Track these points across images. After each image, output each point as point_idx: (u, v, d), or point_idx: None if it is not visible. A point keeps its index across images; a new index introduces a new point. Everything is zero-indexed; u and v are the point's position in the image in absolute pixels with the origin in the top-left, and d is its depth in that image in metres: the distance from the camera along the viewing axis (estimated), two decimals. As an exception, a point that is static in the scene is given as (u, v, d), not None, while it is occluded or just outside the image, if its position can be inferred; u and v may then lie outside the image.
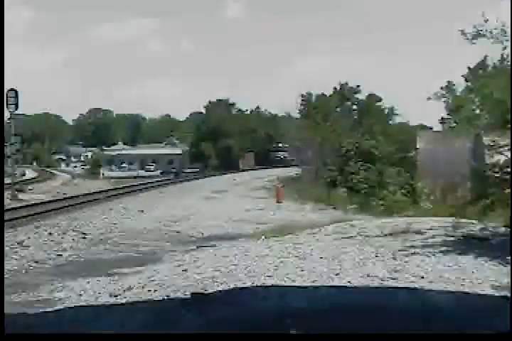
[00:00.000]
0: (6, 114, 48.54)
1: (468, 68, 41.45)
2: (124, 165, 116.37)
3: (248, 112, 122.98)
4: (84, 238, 20.96)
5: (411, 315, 7.53)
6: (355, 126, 57.00)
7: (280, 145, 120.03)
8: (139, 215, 29.05)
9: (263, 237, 18.76)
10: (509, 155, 15.06)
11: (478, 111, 18.73)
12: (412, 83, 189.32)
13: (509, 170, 14.66)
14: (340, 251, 14.30)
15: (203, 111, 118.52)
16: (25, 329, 5.92)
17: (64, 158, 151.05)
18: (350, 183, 37.42)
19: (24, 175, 77.70)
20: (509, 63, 15.55)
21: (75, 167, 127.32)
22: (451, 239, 15.42)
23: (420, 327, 6.89)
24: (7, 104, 42.30)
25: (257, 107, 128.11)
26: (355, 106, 67.87)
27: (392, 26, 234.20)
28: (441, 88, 40.84)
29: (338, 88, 68.27)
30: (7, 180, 49.15)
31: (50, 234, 21.32)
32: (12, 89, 42.28)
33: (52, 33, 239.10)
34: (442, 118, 50.10)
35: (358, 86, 68.25)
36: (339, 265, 12.59)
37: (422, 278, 11.22)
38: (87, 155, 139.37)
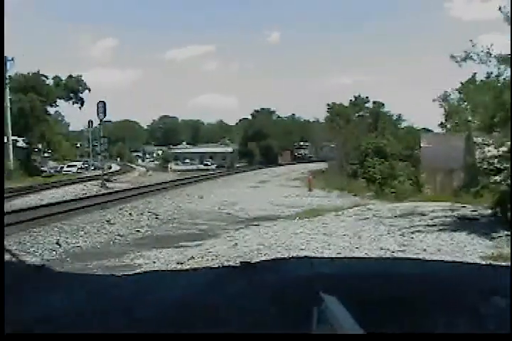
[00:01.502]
0: (97, 121, 49.20)
1: (461, 83, 41.02)
2: (187, 160, 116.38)
3: (286, 118, 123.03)
4: (157, 218, 21.10)
5: (415, 280, 7.56)
6: (370, 129, 56.68)
7: (301, 143, 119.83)
8: (199, 200, 29.14)
9: (297, 218, 18.73)
10: (494, 152, 14.87)
11: (469, 117, 18.62)
12: (418, 94, 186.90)
13: (495, 162, 14.47)
14: (359, 229, 14.26)
15: (250, 117, 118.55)
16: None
17: (140, 155, 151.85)
18: (368, 175, 37.06)
19: (110, 168, 78.52)
20: (494, 79, 15.36)
21: (149, 162, 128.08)
22: (448, 219, 15.29)
23: (421, 290, 6.91)
24: (97, 113, 42.67)
25: (293, 114, 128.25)
26: (368, 113, 67.95)
27: (403, 50, 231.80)
28: (439, 98, 40.52)
29: (354, 99, 68.92)
30: (98, 172, 49.70)
31: (130, 214, 21.51)
32: (101, 101, 42.61)
33: (132, 56, 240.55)
34: (441, 122, 49.63)
35: (367, 97, 69.58)
36: (358, 240, 12.57)
37: (425, 250, 11.15)
38: (158, 153, 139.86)
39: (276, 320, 6.05)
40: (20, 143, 61.51)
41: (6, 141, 54.23)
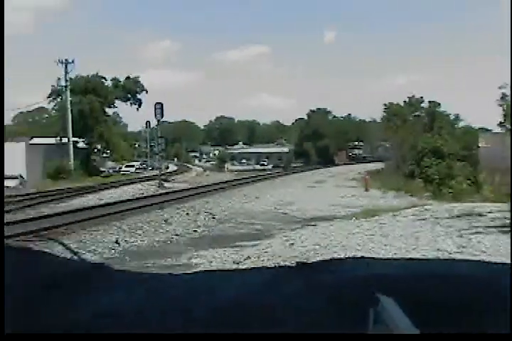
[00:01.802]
0: (154, 121, 49.88)
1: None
2: (243, 160, 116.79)
3: (342, 118, 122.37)
4: (213, 218, 21.28)
5: (473, 281, 7.45)
6: (426, 129, 56.01)
7: (355, 143, 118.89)
8: (255, 200, 29.24)
9: (354, 218, 18.64)
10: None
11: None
12: (477, 94, 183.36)
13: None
14: (416, 230, 14.10)
15: (306, 117, 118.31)
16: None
17: (197, 155, 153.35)
18: (425, 175, 36.67)
19: (168, 168, 79.57)
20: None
21: (206, 162, 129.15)
22: (507, 220, 14.97)
23: (479, 291, 6.82)
24: (155, 114, 43.18)
25: (349, 114, 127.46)
26: (424, 113, 67.17)
27: (460, 49, 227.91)
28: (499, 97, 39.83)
29: (408, 100, 68.24)
30: (155, 172, 50.24)
31: (188, 214, 21.75)
32: (158, 103, 43.14)
33: (188, 58, 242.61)
34: (500, 122, 48.67)
35: (422, 97, 68.47)
36: (415, 241, 12.43)
37: (483, 252, 10.95)
38: (214, 153, 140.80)
39: (333, 320, 6.06)
40: (81, 144, 62.83)
41: (66, 141, 55.56)
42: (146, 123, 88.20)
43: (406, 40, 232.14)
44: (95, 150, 68.01)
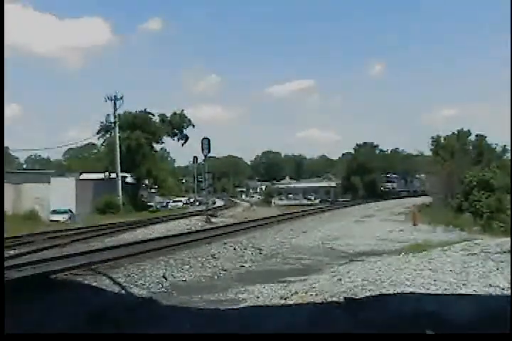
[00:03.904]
0: (201, 156, 50.36)
1: None
2: (290, 195, 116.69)
3: (388, 152, 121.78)
4: (260, 253, 21.22)
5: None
6: (475, 162, 55.40)
7: (388, 175, 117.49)
8: (303, 235, 29.07)
9: (402, 253, 18.38)
10: None
11: None
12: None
13: None
14: (467, 265, 13.80)
15: (352, 151, 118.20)
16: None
17: (244, 190, 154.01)
18: (474, 209, 36.07)
19: (215, 203, 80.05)
20: None
21: (252, 197, 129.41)
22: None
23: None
24: (202, 149, 43.52)
25: (396, 148, 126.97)
26: (471, 147, 66.65)
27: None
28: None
29: (456, 133, 67.85)
30: (202, 207, 50.47)
31: (235, 249, 21.74)
32: (205, 138, 43.52)
33: (235, 93, 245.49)
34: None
35: (469, 130, 68.15)
36: (466, 276, 12.18)
37: (540, 288, 10.64)
38: (261, 188, 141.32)
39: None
40: (129, 179, 63.81)
41: (115, 176, 56.55)
42: (194, 159, 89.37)
43: (453, 73, 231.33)
44: (143, 185, 68.98)
